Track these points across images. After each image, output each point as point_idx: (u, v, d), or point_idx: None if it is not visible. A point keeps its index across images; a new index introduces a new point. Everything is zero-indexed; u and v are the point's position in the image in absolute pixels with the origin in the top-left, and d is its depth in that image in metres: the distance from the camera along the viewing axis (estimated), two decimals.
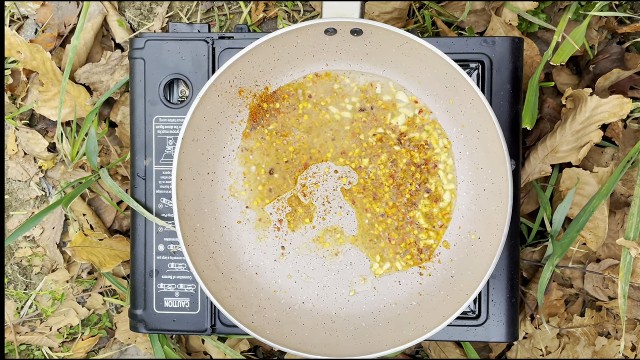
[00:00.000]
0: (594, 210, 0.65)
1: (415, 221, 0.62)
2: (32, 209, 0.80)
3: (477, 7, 0.73)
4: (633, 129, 0.73)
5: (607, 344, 0.72)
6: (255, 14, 0.77)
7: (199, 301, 0.64)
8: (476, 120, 0.58)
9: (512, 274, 0.62)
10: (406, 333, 0.58)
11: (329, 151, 0.63)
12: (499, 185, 0.57)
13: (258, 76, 0.61)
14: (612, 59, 0.71)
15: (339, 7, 0.56)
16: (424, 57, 0.56)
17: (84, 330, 0.80)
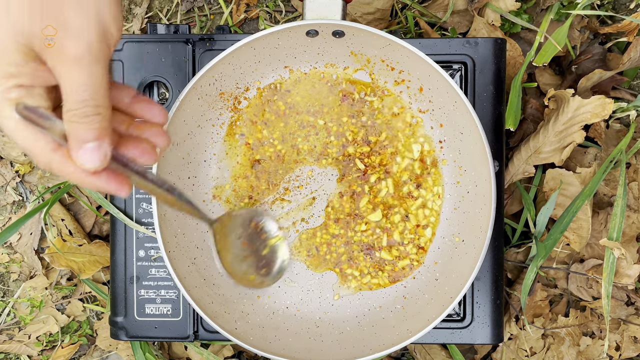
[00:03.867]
0: (577, 211, 0.65)
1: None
2: (9, 214, 0.78)
3: (459, 8, 0.73)
4: (615, 129, 0.73)
5: (592, 344, 0.73)
6: (236, 14, 0.76)
7: (181, 307, 0.63)
8: (459, 122, 0.58)
9: (497, 275, 0.62)
10: (391, 337, 0.58)
11: (312, 154, 0.62)
12: (482, 188, 0.57)
13: (239, 78, 0.60)
14: (594, 59, 0.72)
15: (321, 8, 0.55)
16: (406, 58, 0.56)
17: (63, 338, 0.78)
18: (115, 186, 0.39)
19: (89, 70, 0.35)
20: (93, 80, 0.35)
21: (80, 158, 0.36)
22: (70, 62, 0.34)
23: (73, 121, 0.36)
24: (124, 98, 0.41)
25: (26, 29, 0.34)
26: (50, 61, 0.35)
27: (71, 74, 0.34)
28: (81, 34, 0.34)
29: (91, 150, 0.36)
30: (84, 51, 0.34)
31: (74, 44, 0.34)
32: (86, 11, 0.34)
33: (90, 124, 0.36)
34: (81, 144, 0.36)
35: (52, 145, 0.37)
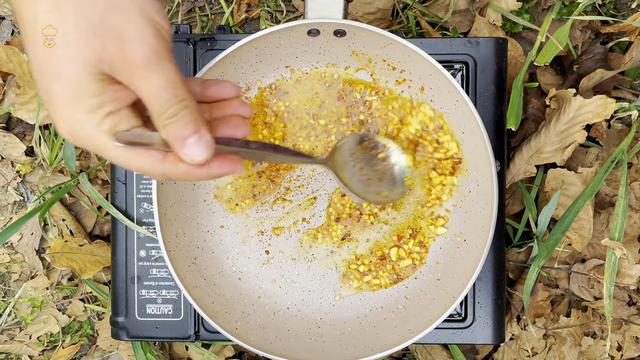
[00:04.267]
0: (578, 211, 0.65)
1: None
2: (10, 215, 0.78)
3: (461, 8, 0.73)
4: (617, 129, 0.73)
5: (593, 344, 0.73)
6: (237, 14, 0.76)
7: (182, 307, 0.63)
8: (460, 121, 0.57)
9: (498, 275, 0.62)
10: (392, 337, 0.58)
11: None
12: (484, 187, 0.57)
13: (240, 78, 0.60)
14: (596, 59, 0.71)
15: (322, 7, 0.55)
16: (408, 58, 0.56)
17: (64, 338, 0.78)
18: (229, 167, 0.39)
19: (161, 70, 0.35)
20: (167, 78, 0.35)
21: (188, 155, 0.37)
22: (141, 70, 0.34)
23: (166, 124, 0.36)
24: (194, 88, 0.41)
25: (91, 57, 0.34)
26: (123, 78, 0.35)
27: (146, 81, 0.35)
28: (139, 39, 0.34)
29: (195, 144, 0.37)
30: (148, 54, 0.34)
31: (137, 52, 0.34)
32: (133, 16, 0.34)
33: (182, 120, 0.36)
34: (183, 142, 0.36)
35: (159, 157, 0.38)
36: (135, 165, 0.38)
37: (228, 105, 0.42)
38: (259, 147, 0.42)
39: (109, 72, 0.35)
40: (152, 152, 0.37)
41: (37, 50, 0.35)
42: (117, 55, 0.34)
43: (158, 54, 0.35)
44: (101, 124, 0.36)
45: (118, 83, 0.36)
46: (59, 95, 0.35)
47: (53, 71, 0.35)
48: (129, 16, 0.34)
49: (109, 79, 0.35)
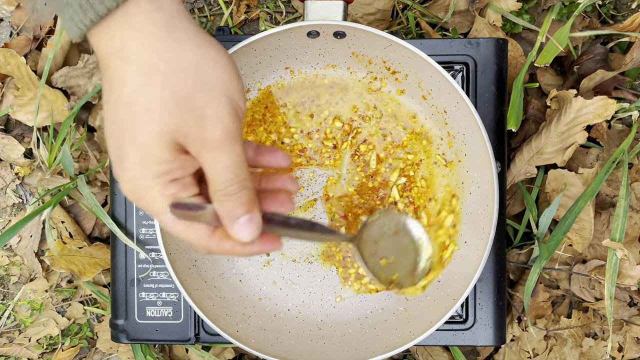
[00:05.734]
0: (579, 212, 0.65)
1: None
2: (9, 217, 0.78)
3: (461, 8, 0.73)
4: (617, 130, 0.73)
5: (594, 345, 0.72)
6: (236, 15, 0.76)
7: (182, 310, 0.63)
8: (461, 122, 0.57)
9: (499, 277, 0.62)
10: (393, 339, 0.58)
11: (313, 156, 0.62)
12: (484, 189, 0.57)
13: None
14: (596, 59, 0.71)
15: (322, 9, 0.55)
16: (408, 59, 0.56)
17: (64, 341, 0.78)
18: (269, 246, 0.41)
19: (230, 151, 0.36)
20: (234, 159, 0.36)
21: (236, 234, 0.38)
22: (212, 147, 0.36)
23: (222, 200, 0.37)
24: (248, 153, 0.42)
25: (169, 127, 0.35)
26: (194, 150, 0.36)
27: (214, 158, 0.36)
28: (218, 119, 0.35)
29: (245, 224, 0.38)
30: (222, 135, 0.36)
31: (213, 130, 0.35)
32: (217, 96, 0.36)
33: (238, 200, 0.37)
34: (234, 220, 0.38)
35: (207, 232, 0.39)
36: (184, 235, 0.39)
37: (277, 178, 0.43)
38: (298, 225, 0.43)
39: (182, 142, 0.36)
40: (202, 226, 0.39)
41: (118, 110, 0.36)
42: (194, 131, 0.35)
43: (231, 135, 0.36)
44: (165, 189, 0.37)
45: (187, 152, 0.37)
46: (130, 158, 0.36)
47: (129, 134, 0.36)
48: (214, 95, 0.36)
49: (180, 148, 0.36)
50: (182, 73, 0.35)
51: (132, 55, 0.35)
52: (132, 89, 0.35)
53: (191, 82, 0.35)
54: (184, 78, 0.35)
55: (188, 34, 0.36)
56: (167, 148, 0.36)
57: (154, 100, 0.35)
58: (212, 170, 0.36)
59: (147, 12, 0.35)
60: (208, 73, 0.36)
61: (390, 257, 0.53)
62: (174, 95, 0.35)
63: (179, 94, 0.35)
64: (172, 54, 0.35)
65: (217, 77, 0.36)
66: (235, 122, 0.36)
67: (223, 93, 0.36)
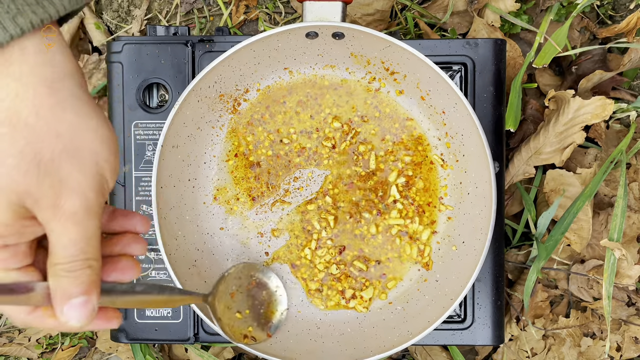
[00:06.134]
0: (577, 212, 0.65)
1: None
2: None
3: (459, 9, 0.73)
4: (615, 130, 0.73)
5: (593, 345, 0.73)
6: (235, 16, 0.76)
7: (181, 309, 0.63)
8: (459, 123, 0.58)
9: (497, 276, 0.62)
10: (392, 338, 0.58)
11: (312, 156, 0.62)
12: (482, 189, 0.57)
13: (239, 80, 0.60)
14: (595, 59, 0.72)
15: (321, 10, 0.55)
16: (406, 60, 0.56)
17: (63, 340, 0.78)
18: (103, 323, 0.37)
19: (83, 225, 0.33)
20: (85, 235, 0.33)
21: (65, 315, 0.34)
22: (65, 218, 0.32)
23: (59, 275, 0.33)
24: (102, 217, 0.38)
25: (19, 188, 0.32)
26: (42, 217, 0.33)
27: (63, 229, 0.33)
28: (79, 190, 0.33)
29: (77, 306, 0.34)
30: (79, 207, 0.33)
31: (71, 201, 0.32)
32: (85, 168, 0.33)
33: (77, 279, 0.34)
34: (66, 300, 0.34)
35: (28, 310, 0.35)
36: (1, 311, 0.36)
37: (119, 241, 0.39)
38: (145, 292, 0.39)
39: (29, 207, 0.33)
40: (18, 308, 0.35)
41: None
42: (48, 197, 0.32)
43: (88, 209, 0.33)
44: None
45: (30, 218, 0.33)
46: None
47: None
48: (81, 166, 0.33)
49: (24, 212, 0.33)
50: (53, 135, 0.32)
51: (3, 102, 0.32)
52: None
53: (61, 147, 0.32)
54: (55, 141, 0.32)
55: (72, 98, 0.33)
56: (11, 209, 0.32)
57: (11, 154, 0.31)
58: (57, 242, 0.33)
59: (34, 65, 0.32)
60: (83, 142, 0.33)
61: (245, 310, 0.53)
62: (37, 156, 0.32)
63: (43, 155, 0.32)
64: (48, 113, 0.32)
65: (90, 150, 0.33)
66: (98, 198, 0.33)
67: (92, 166, 0.33)
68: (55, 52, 0.33)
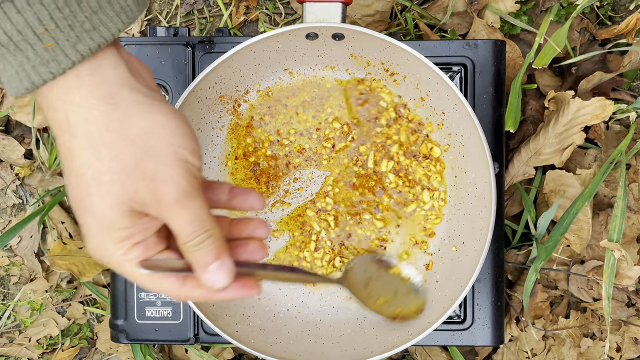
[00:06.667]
0: (577, 213, 0.65)
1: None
2: (9, 218, 0.78)
3: (459, 10, 0.73)
4: (615, 131, 0.73)
5: (592, 345, 0.73)
6: (235, 17, 0.76)
7: (182, 310, 0.63)
8: (459, 124, 0.58)
9: (497, 277, 0.62)
10: (392, 339, 0.58)
11: (312, 157, 0.62)
12: (482, 190, 0.57)
13: (239, 81, 0.60)
14: (594, 60, 0.72)
15: (321, 11, 0.55)
16: (406, 61, 0.56)
17: (64, 341, 0.78)
18: (246, 291, 0.41)
19: (189, 207, 0.37)
20: (195, 213, 0.37)
21: (209, 281, 0.39)
22: (171, 207, 0.36)
23: (191, 251, 0.38)
24: (221, 197, 0.43)
25: (122, 197, 0.36)
26: (153, 213, 0.37)
27: (175, 216, 0.37)
28: (169, 181, 0.36)
29: (216, 271, 0.38)
30: (178, 194, 0.36)
31: (167, 193, 0.36)
32: (167, 160, 0.36)
33: (206, 248, 0.38)
34: (205, 268, 0.38)
35: (179, 282, 0.39)
36: (158, 288, 0.40)
37: (246, 224, 0.43)
38: (275, 269, 0.43)
39: (140, 209, 0.36)
40: (172, 279, 0.39)
41: (72, 181, 0.36)
42: (148, 196, 0.36)
43: (187, 193, 0.36)
44: (128, 253, 0.37)
45: (147, 215, 0.37)
46: (89, 226, 0.37)
47: (85, 204, 0.36)
48: (163, 160, 0.36)
49: (139, 212, 0.37)
50: (128, 143, 0.35)
51: (77, 129, 0.35)
52: (81, 162, 0.35)
53: (139, 151, 0.35)
54: (132, 148, 0.35)
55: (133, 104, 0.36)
56: (125, 216, 0.36)
57: (103, 172, 0.35)
58: (176, 227, 0.37)
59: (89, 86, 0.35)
60: (156, 140, 0.36)
61: (386, 295, 0.53)
62: (123, 166, 0.35)
63: (128, 164, 0.35)
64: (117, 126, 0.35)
65: (165, 143, 0.36)
66: (190, 181, 0.37)
67: (173, 156, 0.36)
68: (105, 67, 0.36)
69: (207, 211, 0.38)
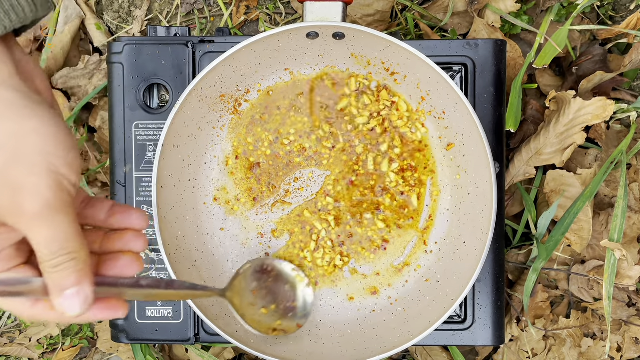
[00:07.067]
0: (578, 213, 0.65)
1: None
2: None
3: (459, 9, 0.73)
4: (616, 130, 0.73)
5: (593, 345, 0.73)
6: (236, 16, 0.76)
7: (182, 310, 0.63)
8: (460, 123, 0.58)
9: (498, 277, 0.62)
10: (392, 339, 0.58)
11: (312, 156, 0.62)
12: (483, 189, 0.57)
13: (239, 80, 0.60)
14: (595, 60, 0.72)
15: (321, 10, 0.55)
16: (407, 60, 0.56)
17: (64, 341, 0.78)
18: (109, 313, 0.38)
19: (52, 223, 0.34)
20: (59, 231, 0.34)
21: (61, 306, 0.36)
22: (31, 220, 0.33)
23: (48, 272, 0.35)
24: (99, 214, 0.40)
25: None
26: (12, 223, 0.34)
27: (35, 230, 0.34)
28: (36, 193, 0.33)
29: (71, 297, 0.36)
30: (41, 208, 0.33)
31: (30, 202, 0.33)
32: (36, 169, 0.33)
33: (65, 271, 0.35)
34: (60, 292, 0.35)
35: (29, 303, 0.37)
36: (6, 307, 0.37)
37: (119, 238, 0.40)
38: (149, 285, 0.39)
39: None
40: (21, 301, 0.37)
41: None
42: (9, 206, 0.33)
43: (52, 208, 0.33)
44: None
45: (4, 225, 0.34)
46: None
47: None
48: (31, 169, 0.33)
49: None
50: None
51: None
52: None
53: (6, 156, 0.33)
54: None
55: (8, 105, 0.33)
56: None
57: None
58: (35, 243, 0.34)
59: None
60: (27, 146, 0.33)
61: (271, 305, 0.53)
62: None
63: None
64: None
65: (37, 151, 0.33)
66: (58, 194, 0.34)
67: (44, 166, 0.33)
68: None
69: (75, 230, 0.35)
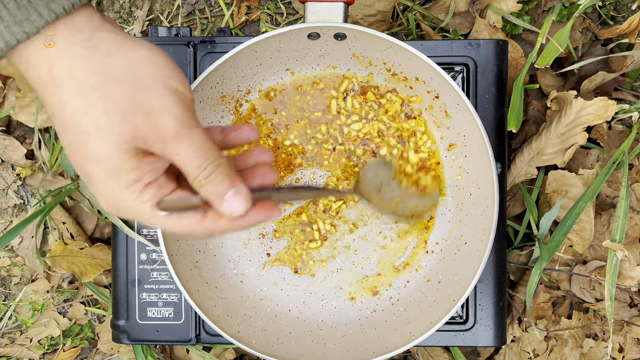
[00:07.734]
0: (580, 213, 0.65)
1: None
2: (11, 218, 0.78)
3: (461, 10, 0.73)
4: (617, 131, 0.73)
5: (595, 346, 0.72)
6: (237, 17, 0.76)
7: (183, 311, 0.63)
8: (461, 124, 0.57)
9: (499, 277, 0.62)
10: (394, 340, 0.58)
11: (313, 157, 0.62)
12: (485, 190, 0.57)
13: (240, 81, 0.60)
14: (597, 60, 0.71)
15: (323, 11, 0.55)
16: (408, 61, 0.56)
17: (65, 341, 0.78)
18: (266, 213, 0.40)
19: (190, 139, 0.36)
20: (197, 144, 0.36)
21: (228, 210, 0.38)
22: (172, 141, 0.36)
23: (202, 184, 0.37)
24: (215, 137, 0.42)
25: (123, 136, 0.35)
26: (156, 149, 0.36)
27: (178, 150, 0.36)
28: (167, 112, 0.35)
29: (233, 198, 0.38)
30: (177, 126, 0.35)
31: (166, 124, 0.35)
32: (159, 92, 0.35)
33: (217, 178, 0.37)
34: (221, 198, 0.38)
35: (197, 218, 0.39)
36: (178, 229, 0.39)
37: (249, 154, 0.43)
38: (290, 189, 0.43)
39: (143, 146, 0.36)
40: (191, 215, 0.39)
41: (68, 133, 0.36)
42: (149, 131, 0.35)
43: (185, 124, 0.36)
44: (141, 196, 0.37)
45: (151, 154, 0.37)
46: (96, 175, 0.36)
47: (87, 153, 0.35)
48: (154, 92, 0.35)
49: (143, 152, 0.36)
50: (116, 82, 0.35)
51: (61, 79, 0.35)
52: (73, 110, 0.35)
53: (129, 88, 0.35)
54: (120, 86, 0.35)
55: (112, 44, 0.35)
56: (130, 156, 0.36)
57: (99, 116, 0.35)
58: (182, 161, 0.36)
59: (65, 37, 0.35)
60: (143, 74, 0.35)
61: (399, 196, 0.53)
62: (117, 106, 0.35)
63: (121, 102, 0.35)
64: (101, 67, 0.35)
65: (152, 75, 0.36)
66: (185, 111, 0.36)
67: (163, 87, 0.36)
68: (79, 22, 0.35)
69: (210, 141, 0.37)
